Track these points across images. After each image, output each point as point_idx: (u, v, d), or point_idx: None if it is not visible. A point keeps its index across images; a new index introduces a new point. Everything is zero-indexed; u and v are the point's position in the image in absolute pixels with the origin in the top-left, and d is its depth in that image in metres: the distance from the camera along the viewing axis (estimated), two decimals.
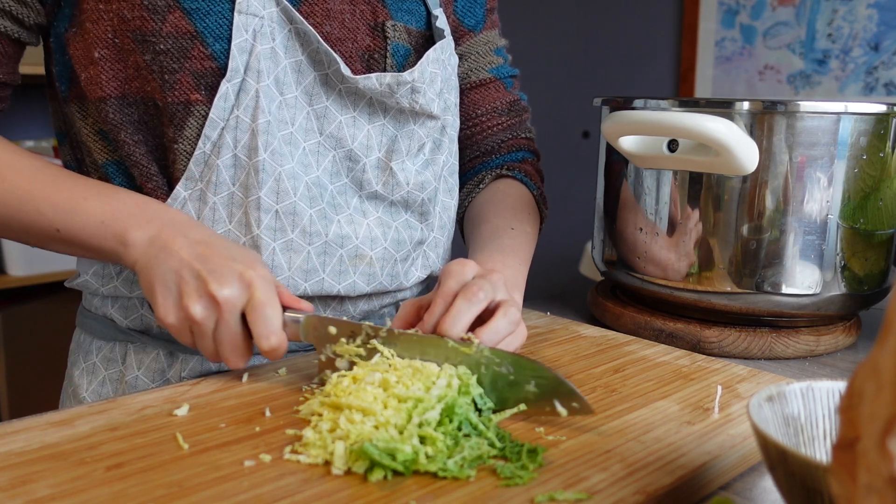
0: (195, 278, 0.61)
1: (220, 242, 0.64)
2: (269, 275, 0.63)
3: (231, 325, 0.61)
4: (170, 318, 0.61)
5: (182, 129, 0.68)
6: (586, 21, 2.59)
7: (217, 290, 0.60)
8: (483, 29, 0.91)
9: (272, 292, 0.62)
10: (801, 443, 0.48)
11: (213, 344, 0.62)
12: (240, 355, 0.62)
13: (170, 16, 0.66)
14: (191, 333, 0.62)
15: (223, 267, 0.61)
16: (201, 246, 0.63)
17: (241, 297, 0.61)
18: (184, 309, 0.61)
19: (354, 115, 0.74)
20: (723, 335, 0.81)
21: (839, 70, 2.04)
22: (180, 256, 0.62)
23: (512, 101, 0.95)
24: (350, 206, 0.75)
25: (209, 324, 0.61)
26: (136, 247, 0.64)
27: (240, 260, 0.62)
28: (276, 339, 0.61)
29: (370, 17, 0.76)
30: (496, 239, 0.82)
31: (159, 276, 0.62)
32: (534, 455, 0.50)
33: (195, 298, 0.60)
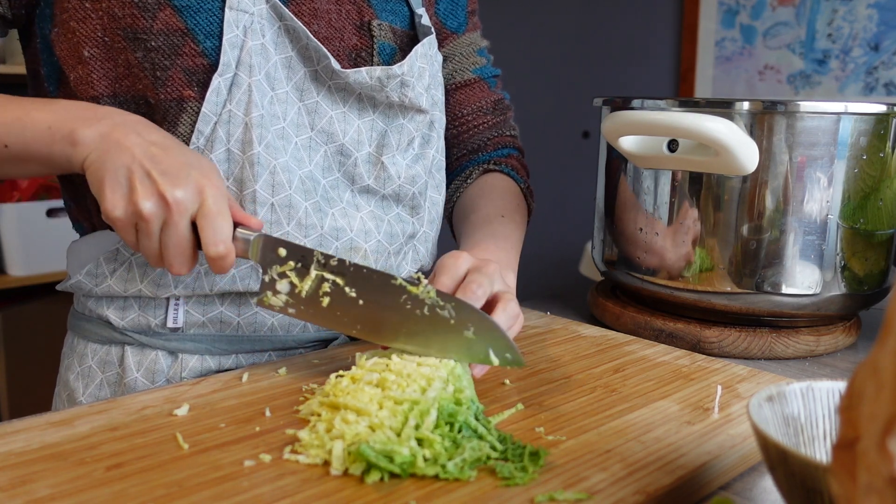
0: (147, 177, 0.60)
1: (175, 146, 0.63)
2: (224, 187, 0.63)
3: (179, 227, 0.60)
4: (117, 212, 0.60)
5: (175, 126, 0.68)
6: (586, 21, 2.59)
7: (169, 191, 0.59)
8: (466, 31, 0.93)
9: (225, 203, 0.61)
10: (801, 443, 0.48)
11: (158, 246, 0.61)
12: (184, 261, 0.62)
13: (160, 13, 0.66)
14: (136, 232, 0.62)
15: (178, 170, 0.60)
16: (155, 147, 0.62)
17: (193, 201, 0.60)
18: (133, 204, 0.60)
19: (345, 110, 0.75)
20: (723, 335, 0.81)
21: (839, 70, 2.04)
22: (133, 153, 0.61)
23: (496, 99, 0.97)
24: (343, 200, 0.76)
25: (157, 222, 0.60)
26: (86, 144, 0.62)
27: (195, 166, 0.62)
28: (225, 248, 0.60)
29: (356, 17, 0.77)
30: (487, 226, 0.83)
31: (110, 171, 0.60)
32: (536, 458, 0.50)
33: (146, 195, 0.59)
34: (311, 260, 0.62)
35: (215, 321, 0.73)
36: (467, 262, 0.67)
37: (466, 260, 0.67)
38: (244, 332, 0.74)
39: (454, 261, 0.66)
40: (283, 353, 0.77)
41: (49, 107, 0.65)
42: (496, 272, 0.67)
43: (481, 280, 0.64)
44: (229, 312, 0.73)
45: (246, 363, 0.75)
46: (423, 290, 0.60)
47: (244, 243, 0.63)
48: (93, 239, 0.74)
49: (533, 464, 0.49)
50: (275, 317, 0.74)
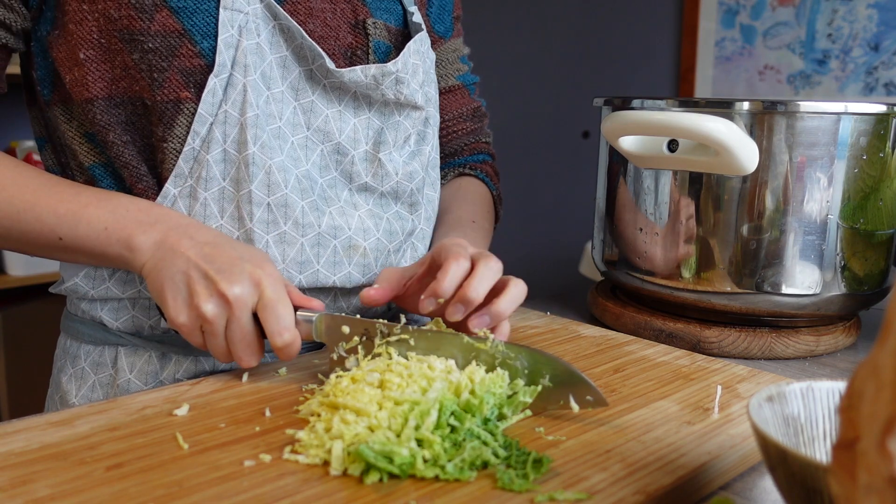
0: (204, 278, 0.61)
1: (226, 242, 0.65)
2: (278, 273, 0.64)
3: (243, 322, 0.61)
4: (181, 318, 0.62)
5: (172, 127, 0.68)
6: (586, 21, 2.59)
7: (227, 288, 0.60)
8: (451, 37, 0.94)
9: (283, 290, 0.62)
10: (801, 443, 0.48)
11: (225, 343, 0.63)
12: (252, 353, 0.63)
13: (157, 15, 0.66)
14: (202, 333, 0.63)
15: (232, 266, 0.62)
16: (208, 247, 0.63)
17: (252, 294, 0.61)
18: (195, 308, 0.61)
19: (340, 108, 0.75)
20: (723, 335, 0.81)
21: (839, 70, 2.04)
22: (188, 257, 0.62)
23: (475, 107, 0.99)
24: (341, 199, 0.76)
25: (221, 322, 0.61)
26: (143, 251, 0.64)
27: (248, 259, 0.63)
28: (290, 335, 0.62)
29: (351, 16, 0.78)
30: (459, 229, 0.84)
31: (168, 278, 0.62)
32: (539, 465, 0.49)
33: (206, 297, 0.61)
34: (374, 332, 0.63)
35: None
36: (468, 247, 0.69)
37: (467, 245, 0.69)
38: None
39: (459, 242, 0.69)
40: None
41: (106, 204, 0.66)
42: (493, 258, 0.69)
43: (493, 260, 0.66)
44: None
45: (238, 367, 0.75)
46: (491, 346, 0.60)
47: (307, 325, 0.64)
48: None
49: (535, 471, 0.48)
50: None
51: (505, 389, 0.57)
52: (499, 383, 0.57)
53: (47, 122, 0.75)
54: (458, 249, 0.67)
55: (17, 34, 0.70)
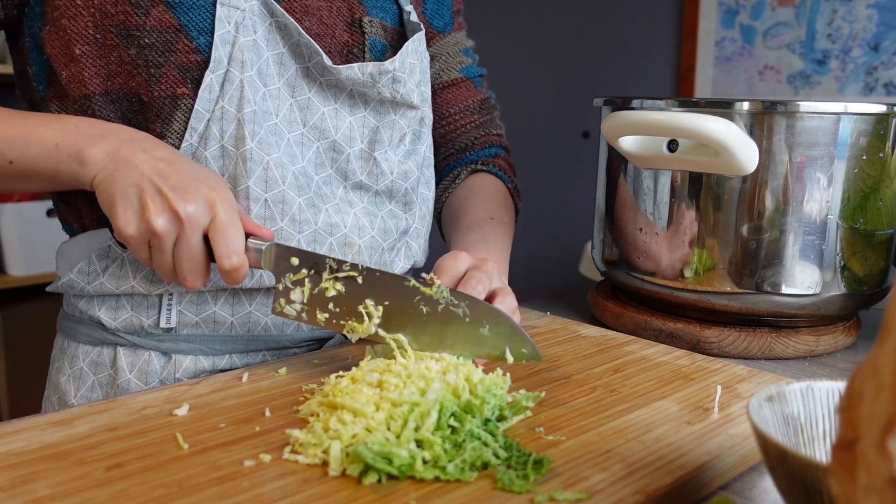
0: (158, 193, 0.61)
1: (182, 161, 0.64)
2: (233, 198, 0.63)
3: (192, 242, 0.61)
4: (130, 230, 0.61)
5: (169, 123, 0.68)
6: (586, 21, 2.59)
7: (181, 205, 0.60)
8: (452, 31, 0.94)
9: (236, 214, 0.62)
10: (800, 443, 0.48)
11: (171, 261, 0.62)
12: (198, 274, 0.63)
13: (153, 10, 0.66)
14: (149, 249, 0.62)
15: (187, 184, 0.61)
16: (164, 163, 0.62)
17: (205, 215, 0.61)
18: (145, 222, 0.60)
19: (336, 106, 0.75)
20: (723, 335, 0.81)
21: (839, 70, 2.04)
22: (141, 171, 0.61)
23: (482, 99, 0.98)
24: (336, 197, 0.76)
25: (170, 239, 0.61)
26: (95, 163, 0.63)
27: (204, 180, 0.62)
28: (238, 259, 0.61)
29: (347, 14, 0.78)
30: (477, 229, 0.84)
31: (120, 189, 0.61)
32: (539, 466, 0.49)
33: (158, 212, 0.60)
34: (323, 266, 0.63)
35: (209, 321, 0.73)
36: (466, 261, 0.68)
37: (465, 259, 0.69)
38: (238, 332, 0.74)
39: (453, 261, 0.68)
40: (278, 353, 0.77)
41: (54, 123, 0.65)
42: (494, 270, 0.69)
43: (480, 276, 0.66)
44: (223, 312, 0.73)
45: (240, 363, 0.75)
46: (436, 290, 0.62)
47: (256, 253, 0.64)
48: (83, 239, 0.74)
49: (535, 472, 0.48)
50: (268, 316, 0.74)
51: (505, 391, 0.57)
52: (500, 384, 0.57)
53: None
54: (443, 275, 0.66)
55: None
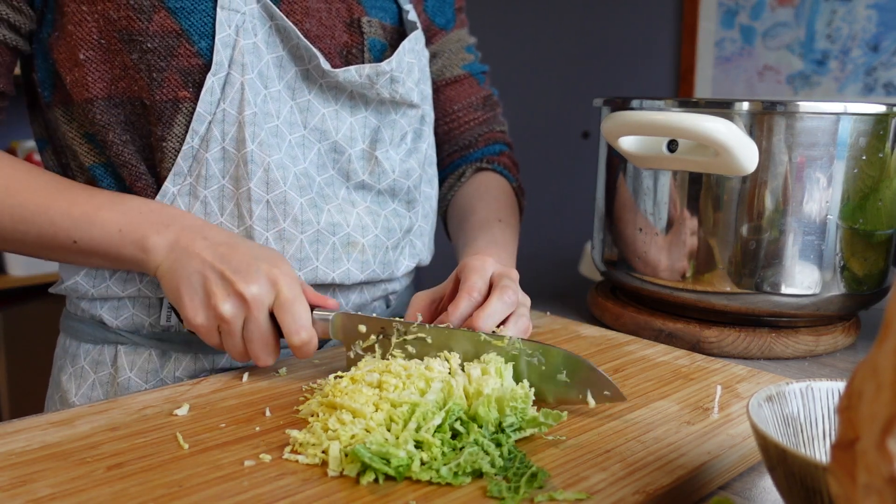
0: (221, 278, 0.62)
1: (241, 242, 0.65)
2: (294, 273, 0.64)
3: (260, 322, 0.62)
4: (199, 319, 0.62)
5: (171, 126, 0.69)
6: (586, 21, 2.59)
7: (245, 288, 0.61)
8: (454, 28, 0.94)
9: (299, 289, 0.63)
10: (800, 443, 0.48)
11: (242, 343, 0.63)
12: (269, 352, 0.64)
13: (155, 15, 0.67)
14: (218, 334, 0.63)
15: (248, 266, 0.62)
16: (223, 247, 0.64)
17: (269, 294, 0.62)
18: (212, 308, 0.62)
19: (336, 107, 0.76)
20: (722, 335, 0.81)
21: (838, 70, 2.04)
22: (203, 258, 0.63)
23: (485, 95, 0.98)
24: (339, 197, 0.76)
25: (238, 322, 0.62)
26: (158, 252, 0.65)
27: (264, 259, 0.63)
28: (307, 333, 0.62)
29: (346, 14, 0.78)
30: (487, 231, 0.84)
31: (184, 279, 0.63)
32: (532, 481, 0.47)
33: (223, 297, 0.61)
34: (391, 330, 0.63)
35: None
36: (493, 266, 0.70)
37: (492, 264, 0.70)
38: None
39: (482, 263, 0.69)
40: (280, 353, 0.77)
41: (119, 206, 0.67)
42: (517, 279, 0.70)
43: (513, 286, 0.67)
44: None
45: (240, 363, 0.75)
46: (508, 344, 0.61)
47: (324, 324, 0.64)
48: None
49: (528, 486, 0.47)
50: None
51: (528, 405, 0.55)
52: (522, 398, 0.55)
53: (48, 123, 0.75)
54: (475, 277, 0.67)
55: (25, 36, 0.70)
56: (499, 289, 0.66)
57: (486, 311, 0.64)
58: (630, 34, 2.48)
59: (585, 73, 2.61)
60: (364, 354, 0.64)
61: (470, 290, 0.67)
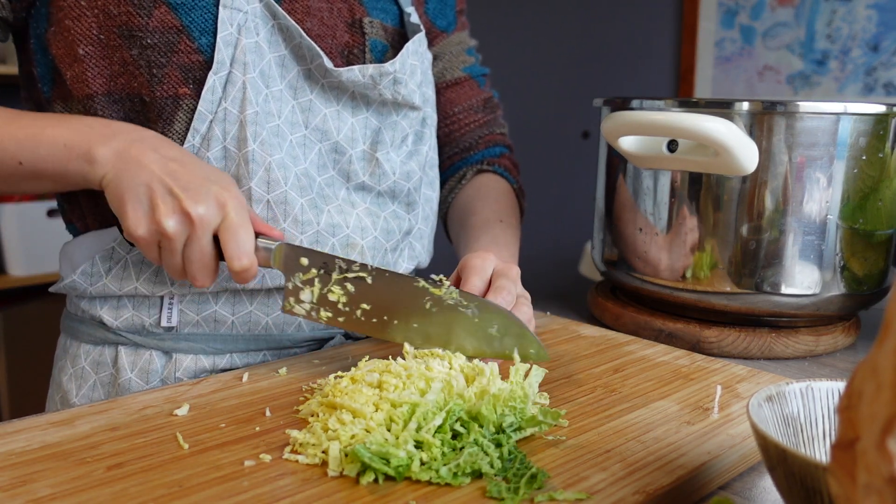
0: (168, 194, 0.61)
1: (192, 160, 0.64)
2: (243, 199, 0.64)
3: (203, 243, 0.61)
4: (140, 231, 0.61)
5: (171, 123, 0.69)
6: (586, 21, 2.59)
7: (192, 207, 0.60)
8: (455, 30, 0.94)
9: (246, 215, 0.63)
10: (800, 443, 0.48)
11: (181, 261, 0.62)
12: (207, 274, 0.63)
13: (156, 11, 0.66)
14: (158, 249, 0.62)
15: (198, 185, 0.61)
16: (174, 163, 0.62)
17: (216, 216, 0.61)
18: (156, 223, 0.60)
19: (338, 108, 0.76)
20: (722, 335, 0.81)
21: (838, 70, 2.04)
22: (151, 170, 0.61)
23: (486, 98, 0.98)
24: (339, 198, 0.76)
25: (180, 240, 0.61)
26: (103, 162, 0.63)
27: (214, 180, 0.63)
28: (248, 260, 0.62)
29: (347, 15, 0.78)
30: (488, 231, 0.84)
31: (130, 189, 0.61)
32: (531, 482, 0.47)
33: (168, 213, 0.60)
34: (332, 266, 0.63)
35: (209, 320, 0.73)
36: (493, 263, 0.70)
37: (492, 261, 0.70)
38: (239, 331, 0.74)
39: (482, 262, 0.69)
40: (278, 353, 0.77)
41: (64, 123, 0.65)
42: (518, 276, 0.70)
43: (509, 286, 0.67)
44: (224, 311, 0.73)
45: (241, 363, 0.75)
46: (445, 292, 0.62)
47: (266, 253, 0.64)
48: (87, 239, 0.74)
49: (527, 487, 0.47)
50: (269, 316, 0.74)
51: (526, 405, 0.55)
52: (521, 398, 0.55)
53: None
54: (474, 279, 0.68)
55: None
56: (494, 290, 0.66)
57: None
58: (630, 34, 2.48)
59: (585, 73, 2.61)
60: (303, 287, 0.64)
61: (471, 291, 0.67)
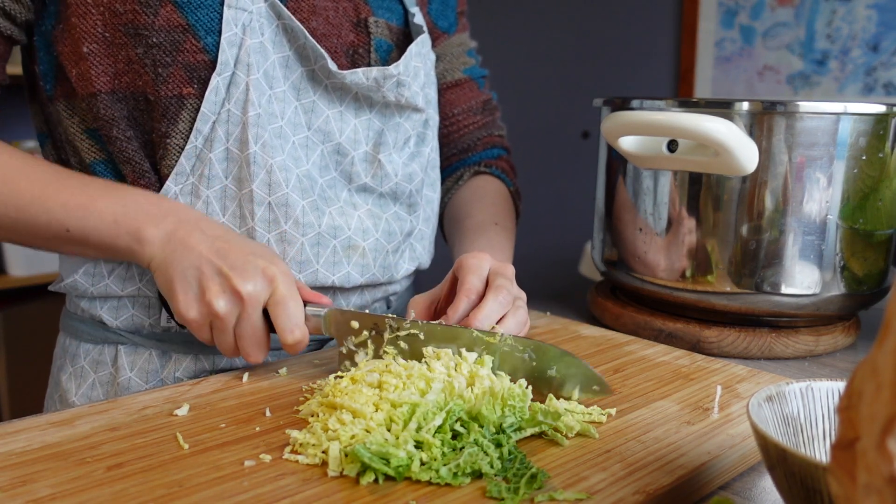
0: (217, 273, 0.61)
1: (237, 238, 0.65)
2: (289, 270, 0.64)
3: (254, 319, 0.62)
4: (191, 314, 0.62)
5: (175, 123, 0.68)
6: (586, 21, 2.59)
7: (241, 284, 0.61)
8: (456, 31, 0.94)
9: (294, 287, 0.63)
10: (800, 442, 0.48)
11: (233, 339, 0.63)
12: (260, 349, 0.63)
13: (162, 9, 0.66)
14: (210, 329, 0.63)
15: (244, 262, 0.62)
16: (219, 241, 0.63)
17: (264, 291, 0.62)
18: (206, 304, 0.61)
19: (341, 109, 0.76)
20: (722, 335, 0.81)
21: (838, 70, 2.04)
22: (199, 252, 0.62)
23: (485, 100, 0.98)
24: (340, 199, 0.76)
25: (231, 319, 0.62)
26: (153, 243, 0.64)
27: (260, 255, 0.63)
28: (300, 332, 0.62)
29: (353, 14, 0.78)
30: (483, 234, 0.84)
31: (179, 272, 0.62)
32: (531, 482, 0.47)
33: (218, 293, 0.61)
34: (383, 327, 0.63)
35: None
36: (489, 262, 0.70)
37: (488, 261, 0.70)
38: None
39: (478, 262, 0.69)
40: (279, 353, 0.77)
41: (114, 196, 0.66)
42: (513, 275, 0.70)
43: (507, 284, 0.67)
44: None
45: (240, 363, 0.75)
46: (500, 340, 0.61)
47: (317, 321, 0.64)
48: None
49: (527, 487, 0.47)
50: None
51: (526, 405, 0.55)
52: (520, 396, 0.55)
53: (49, 117, 0.75)
54: (471, 277, 0.68)
55: (21, 26, 0.70)
56: (493, 289, 0.66)
57: (482, 313, 0.64)
58: (630, 34, 2.48)
59: (585, 73, 2.61)
60: (356, 350, 0.64)
61: (468, 291, 0.67)
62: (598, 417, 0.57)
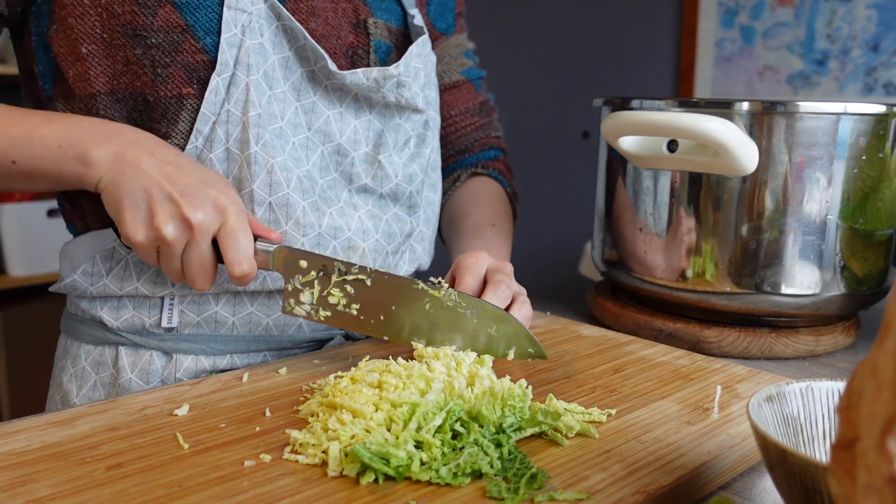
0: (167, 199, 0.61)
1: (189, 163, 0.64)
2: (241, 202, 0.64)
3: (202, 248, 0.62)
4: (139, 237, 0.61)
5: (175, 123, 0.68)
6: (586, 21, 2.59)
7: (191, 213, 0.60)
8: (454, 32, 0.94)
9: (245, 219, 0.63)
10: (800, 442, 0.48)
11: (180, 265, 0.63)
12: (206, 278, 0.63)
13: (160, 10, 0.66)
14: (157, 253, 0.63)
15: (196, 189, 0.61)
16: (170, 166, 0.62)
17: (215, 222, 0.61)
18: (154, 229, 0.61)
19: (341, 110, 0.76)
20: (722, 335, 0.81)
21: (838, 70, 2.04)
22: (149, 175, 0.61)
23: (482, 101, 0.99)
24: (341, 200, 0.76)
25: (180, 245, 0.61)
26: (100, 165, 0.63)
27: (212, 184, 0.63)
28: (248, 265, 0.62)
29: (352, 15, 0.78)
30: (480, 235, 0.85)
31: (128, 194, 0.61)
32: (531, 482, 0.47)
33: (167, 219, 0.60)
34: (332, 269, 0.64)
35: (210, 321, 0.73)
36: (486, 261, 0.71)
37: (486, 259, 0.71)
38: (239, 332, 0.74)
39: (475, 261, 0.70)
40: (279, 354, 0.77)
41: (58, 122, 0.65)
42: (511, 272, 0.71)
43: (506, 279, 0.68)
44: (224, 312, 0.73)
45: (241, 363, 0.75)
46: (444, 294, 0.63)
47: (265, 256, 0.64)
48: (87, 239, 0.74)
49: (527, 487, 0.47)
50: (270, 317, 0.74)
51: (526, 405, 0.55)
52: (520, 396, 0.55)
53: None
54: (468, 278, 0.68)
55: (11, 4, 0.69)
56: (492, 284, 0.67)
57: None
58: (630, 34, 2.48)
59: (585, 73, 2.61)
60: (302, 289, 0.64)
61: (465, 290, 0.68)
62: (598, 417, 0.57)
